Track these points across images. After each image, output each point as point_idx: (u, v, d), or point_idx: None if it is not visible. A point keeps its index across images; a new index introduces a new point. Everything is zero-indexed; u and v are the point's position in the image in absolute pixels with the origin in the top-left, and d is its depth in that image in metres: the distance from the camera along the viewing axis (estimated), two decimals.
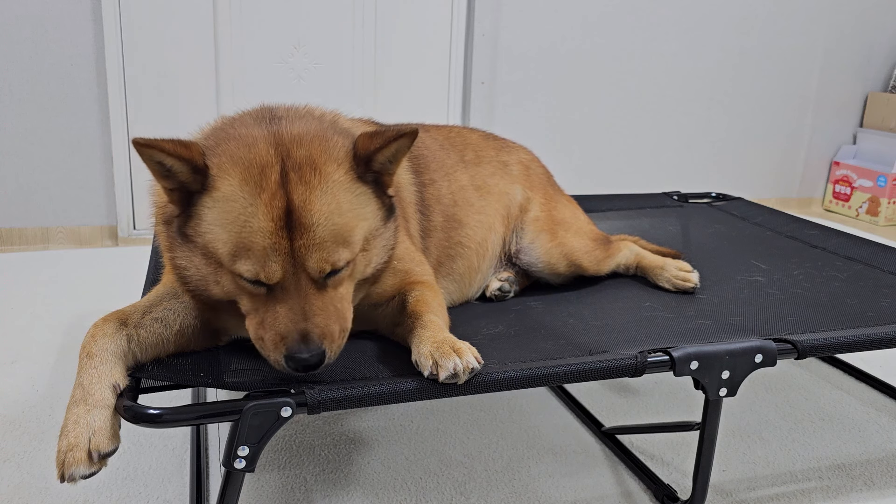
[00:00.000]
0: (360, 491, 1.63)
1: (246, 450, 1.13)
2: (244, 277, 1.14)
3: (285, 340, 1.13)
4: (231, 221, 1.12)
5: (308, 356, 1.12)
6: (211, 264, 1.17)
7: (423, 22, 3.74)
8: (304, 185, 1.14)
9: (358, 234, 1.19)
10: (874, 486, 1.73)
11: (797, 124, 4.66)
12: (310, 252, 1.13)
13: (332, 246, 1.15)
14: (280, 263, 1.12)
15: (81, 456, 1.06)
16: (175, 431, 1.82)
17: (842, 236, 2.37)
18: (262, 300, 1.16)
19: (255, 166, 1.14)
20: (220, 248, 1.14)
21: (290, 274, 1.14)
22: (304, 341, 1.13)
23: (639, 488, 1.68)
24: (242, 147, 1.17)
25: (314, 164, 1.16)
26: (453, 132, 1.94)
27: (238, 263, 1.13)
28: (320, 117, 1.35)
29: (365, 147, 1.19)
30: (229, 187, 1.14)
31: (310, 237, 1.13)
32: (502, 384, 1.24)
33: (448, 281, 1.74)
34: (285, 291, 1.14)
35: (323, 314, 1.15)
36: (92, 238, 3.45)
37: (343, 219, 1.16)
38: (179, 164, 1.13)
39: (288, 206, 1.12)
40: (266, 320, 1.15)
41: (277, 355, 1.14)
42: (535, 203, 1.91)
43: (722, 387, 1.41)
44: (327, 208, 1.15)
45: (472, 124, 3.88)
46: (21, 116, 3.22)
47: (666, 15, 4.11)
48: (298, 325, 1.13)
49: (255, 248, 1.11)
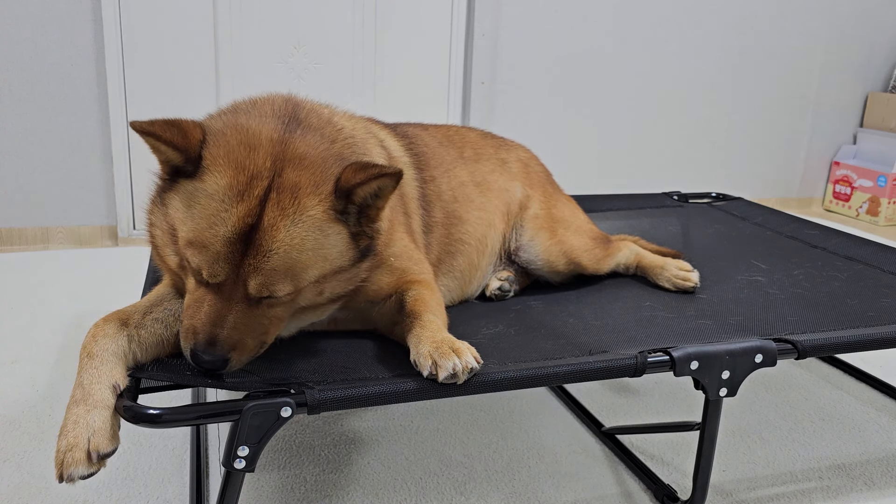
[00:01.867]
0: (360, 491, 1.63)
1: (246, 450, 1.13)
2: (190, 263, 1.17)
3: (195, 336, 1.16)
4: (200, 216, 1.14)
5: (208, 359, 1.16)
6: (171, 237, 1.22)
7: (423, 22, 3.74)
8: (279, 211, 1.14)
9: (311, 273, 1.19)
10: (874, 486, 1.73)
11: (797, 124, 4.66)
12: (255, 274, 1.15)
13: (279, 276, 1.15)
14: (225, 271, 1.14)
15: (81, 456, 1.06)
16: (175, 431, 1.82)
17: (842, 236, 2.37)
18: (200, 288, 1.19)
19: (246, 173, 1.15)
20: (181, 231, 1.17)
21: (231, 281, 1.16)
22: (210, 344, 1.15)
23: (639, 488, 1.68)
24: (244, 147, 1.18)
25: (296, 193, 1.16)
26: (451, 131, 1.94)
27: (189, 251, 1.16)
28: (336, 133, 1.32)
29: (347, 180, 1.18)
30: (214, 186, 1.15)
31: (261, 260, 1.14)
32: (502, 384, 1.24)
33: (448, 278, 1.74)
34: (220, 293, 1.17)
35: (241, 329, 1.17)
36: (92, 238, 3.45)
37: (302, 256, 1.16)
38: (174, 153, 1.16)
39: (256, 223, 1.14)
40: (191, 308, 1.19)
41: (185, 344, 1.19)
42: (535, 201, 1.91)
43: (722, 387, 1.41)
44: (289, 241, 1.15)
45: (472, 124, 3.88)
46: (21, 116, 3.22)
47: (666, 15, 4.11)
48: (213, 329, 1.16)
49: (210, 249, 1.14)
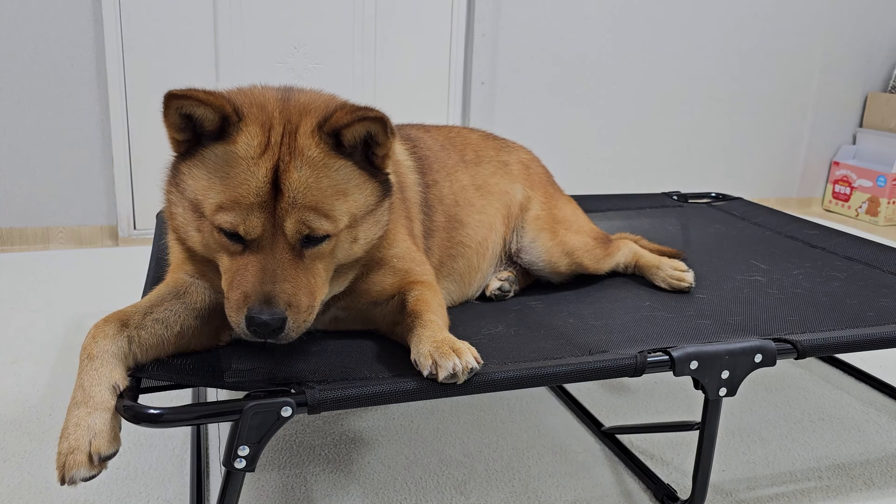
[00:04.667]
0: (360, 491, 1.63)
1: (246, 450, 1.13)
2: (223, 230, 1.16)
3: (248, 300, 1.15)
4: (230, 175, 1.15)
5: (268, 318, 1.13)
6: (195, 212, 1.20)
7: (423, 22, 3.74)
8: (290, 155, 1.17)
9: (339, 209, 1.20)
10: (874, 486, 1.73)
11: (797, 124, 4.66)
12: (288, 217, 1.15)
13: (310, 212, 1.17)
14: (262, 223, 1.15)
15: (82, 459, 1.06)
16: (175, 431, 1.82)
17: (841, 236, 2.37)
18: (238, 261, 1.18)
19: (264, 130, 1.18)
20: (209, 199, 1.17)
21: (269, 234, 1.16)
22: (267, 303, 1.13)
23: (639, 488, 1.68)
24: (257, 107, 1.21)
25: (297, 137, 1.19)
26: (453, 132, 1.94)
27: (222, 215, 1.15)
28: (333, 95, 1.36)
29: (333, 122, 1.19)
30: (245, 144, 1.16)
31: (288, 202, 1.16)
32: (502, 384, 1.25)
33: (449, 280, 1.74)
34: (261, 251, 1.16)
35: (292, 281, 1.16)
36: (92, 238, 3.45)
37: (321, 191, 1.18)
38: (212, 114, 1.16)
39: (277, 171, 1.16)
40: (235, 279, 1.17)
41: (239, 317, 1.15)
42: (536, 202, 1.91)
43: (722, 386, 1.41)
44: (305, 179, 1.17)
45: (472, 124, 3.88)
46: (21, 116, 3.22)
47: (666, 15, 4.11)
48: (265, 287, 1.14)
49: (243, 203, 1.14)
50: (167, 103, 1.16)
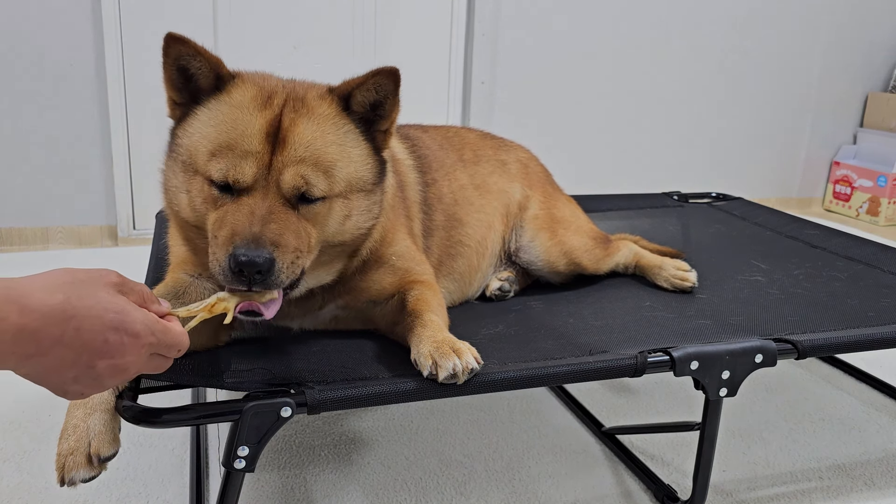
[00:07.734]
0: (360, 491, 1.63)
1: (246, 450, 1.13)
2: (214, 181, 1.16)
3: (234, 239, 1.10)
4: (224, 122, 1.18)
5: (253, 257, 1.08)
6: (186, 171, 1.21)
7: (423, 22, 3.73)
8: (295, 113, 1.20)
9: (339, 170, 1.21)
10: (874, 486, 1.73)
11: (797, 124, 4.66)
12: (286, 169, 1.16)
13: (309, 167, 1.18)
14: (253, 170, 1.15)
15: (81, 460, 1.06)
16: (175, 431, 1.82)
17: (842, 236, 2.37)
18: (228, 206, 1.16)
19: (266, 91, 1.22)
20: (202, 148, 1.18)
21: (262, 187, 1.15)
22: (255, 242, 1.10)
23: (639, 488, 1.68)
24: (259, 77, 1.29)
25: (306, 100, 1.23)
26: (451, 132, 1.94)
27: (214, 163, 1.16)
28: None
29: (345, 85, 1.26)
30: (240, 96, 1.21)
31: (289, 155, 1.17)
32: (502, 384, 1.24)
33: (448, 280, 1.74)
34: (252, 198, 1.15)
35: (282, 224, 1.14)
36: (92, 238, 3.45)
37: (326, 147, 1.21)
38: (207, 68, 1.21)
39: (277, 127, 1.17)
40: (225, 220, 1.14)
41: (223, 255, 1.10)
42: (535, 201, 1.91)
43: (722, 387, 1.41)
44: (311, 132, 1.20)
45: (472, 124, 3.87)
46: (21, 116, 3.21)
47: (666, 15, 4.11)
48: (253, 227, 1.11)
49: (236, 150, 1.15)
50: (167, 44, 1.18)
